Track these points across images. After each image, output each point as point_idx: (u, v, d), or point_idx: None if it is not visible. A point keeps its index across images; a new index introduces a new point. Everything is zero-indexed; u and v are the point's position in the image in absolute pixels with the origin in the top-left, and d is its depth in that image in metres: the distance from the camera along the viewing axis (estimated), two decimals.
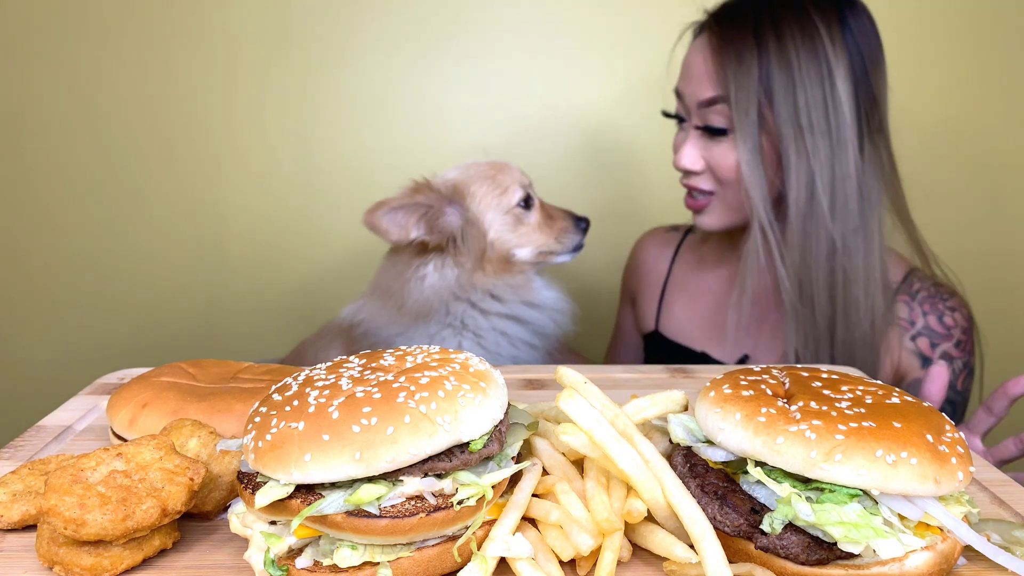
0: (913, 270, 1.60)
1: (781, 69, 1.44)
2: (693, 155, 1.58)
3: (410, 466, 0.68)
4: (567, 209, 1.78)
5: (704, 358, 1.75)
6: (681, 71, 1.60)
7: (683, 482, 0.75)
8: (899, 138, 1.55)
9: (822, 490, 0.68)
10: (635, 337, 2.01)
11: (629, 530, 0.75)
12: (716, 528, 0.71)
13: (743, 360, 1.70)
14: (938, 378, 1.23)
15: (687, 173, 1.62)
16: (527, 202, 1.69)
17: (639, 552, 0.75)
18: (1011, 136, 2.27)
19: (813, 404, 0.72)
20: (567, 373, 0.83)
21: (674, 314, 1.87)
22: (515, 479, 0.77)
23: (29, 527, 0.81)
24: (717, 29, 1.51)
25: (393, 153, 2.30)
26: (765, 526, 0.68)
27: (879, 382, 0.80)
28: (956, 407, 1.56)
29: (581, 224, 1.75)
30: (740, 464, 0.74)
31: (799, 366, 0.87)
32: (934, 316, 1.56)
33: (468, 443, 0.71)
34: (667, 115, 1.66)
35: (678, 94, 1.62)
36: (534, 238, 1.69)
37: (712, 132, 1.53)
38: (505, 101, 2.31)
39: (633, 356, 2.02)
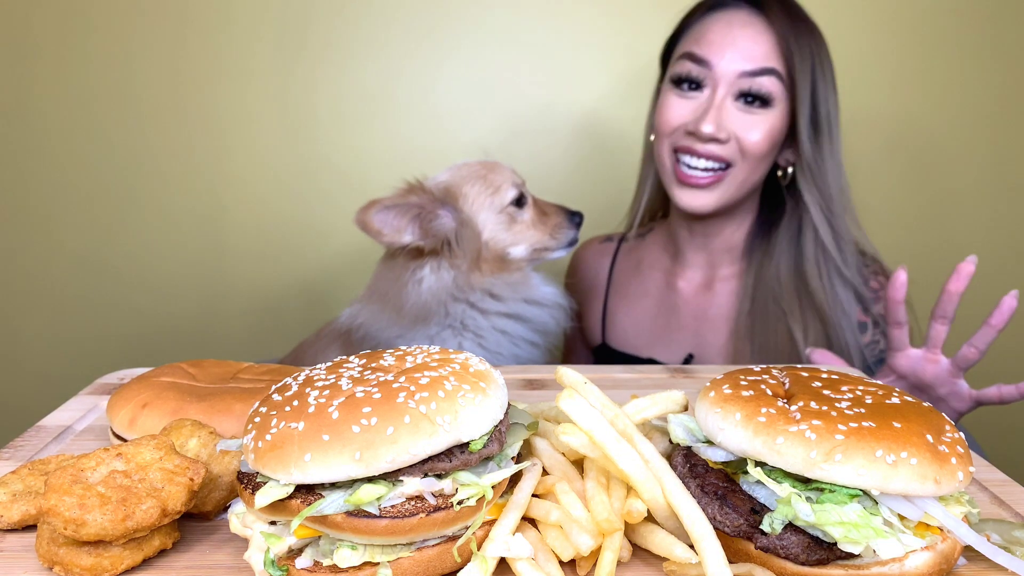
0: None
1: (822, 59, 1.56)
2: (722, 122, 1.54)
3: (410, 466, 0.68)
4: (560, 204, 1.78)
5: (651, 364, 1.74)
6: (709, 39, 1.55)
7: (683, 482, 0.75)
8: (850, 136, 1.67)
9: (822, 490, 0.68)
10: (584, 351, 1.99)
11: (629, 530, 0.75)
12: (716, 528, 0.71)
13: (688, 359, 1.72)
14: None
15: (709, 140, 1.54)
16: (520, 200, 1.68)
17: (639, 552, 0.75)
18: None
19: (813, 404, 0.72)
20: (567, 373, 0.83)
21: (618, 323, 1.87)
22: (515, 479, 0.77)
23: (29, 527, 0.80)
24: (766, 5, 1.55)
25: (390, 152, 2.30)
26: (765, 526, 0.68)
27: (879, 382, 0.81)
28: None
29: (575, 219, 1.75)
30: (740, 464, 0.74)
31: (799, 366, 0.87)
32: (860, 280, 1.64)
33: (468, 443, 0.71)
34: (677, 81, 1.60)
35: (698, 60, 1.55)
36: (528, 235, 1.68)
37: (762, 101, 1.54)
38: (501, 99, 2.31)
39: None
